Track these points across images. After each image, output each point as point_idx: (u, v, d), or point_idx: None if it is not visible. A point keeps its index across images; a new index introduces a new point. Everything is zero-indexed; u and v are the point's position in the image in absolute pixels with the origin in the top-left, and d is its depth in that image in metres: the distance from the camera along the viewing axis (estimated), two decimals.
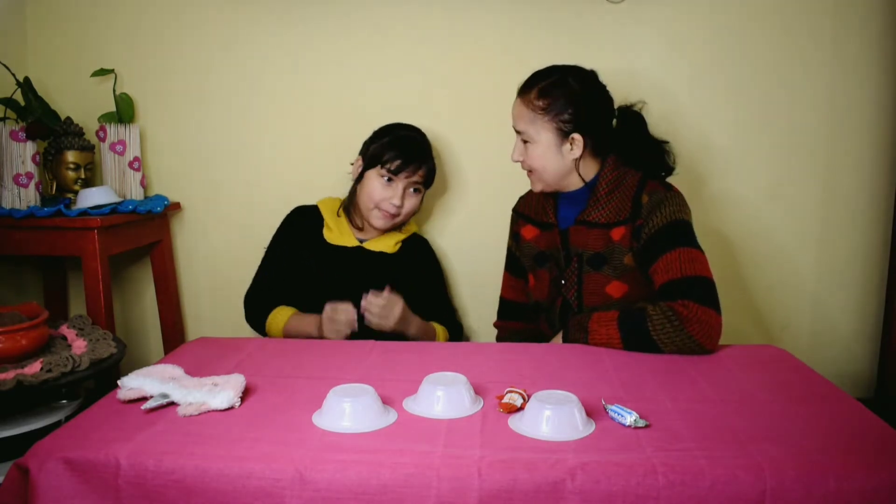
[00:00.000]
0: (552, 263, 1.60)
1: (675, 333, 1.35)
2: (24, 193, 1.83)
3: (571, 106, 1.51)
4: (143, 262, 2.14)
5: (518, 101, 1.55)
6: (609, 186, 1.53)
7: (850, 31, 1.91)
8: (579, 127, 1.51)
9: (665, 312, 1.37)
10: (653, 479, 0.90)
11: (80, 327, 1.67)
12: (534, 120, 1.52)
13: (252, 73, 2.04)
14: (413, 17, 1.98)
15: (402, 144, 1.75)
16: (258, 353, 1.41)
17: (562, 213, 1.61)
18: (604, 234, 1.52)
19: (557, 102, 1.51)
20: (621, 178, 1.54)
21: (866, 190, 1.98)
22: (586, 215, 1.54)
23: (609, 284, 1.51)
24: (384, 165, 1.73)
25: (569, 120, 1.51)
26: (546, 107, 1.51)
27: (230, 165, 2.08)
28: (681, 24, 1.94)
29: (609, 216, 1.52)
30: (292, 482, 0.92)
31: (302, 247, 1.80)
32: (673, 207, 1.48)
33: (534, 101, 1.52)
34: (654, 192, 1.50)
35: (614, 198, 1.53)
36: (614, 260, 1.51)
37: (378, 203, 1.75)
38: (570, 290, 1.56)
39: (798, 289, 2.03)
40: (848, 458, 0.94)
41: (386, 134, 1.79)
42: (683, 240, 1.45)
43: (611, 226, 1.52)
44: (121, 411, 1.11)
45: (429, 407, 1.10)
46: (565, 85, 1.52)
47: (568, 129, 1.51)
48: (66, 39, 2.06)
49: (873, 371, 2.03)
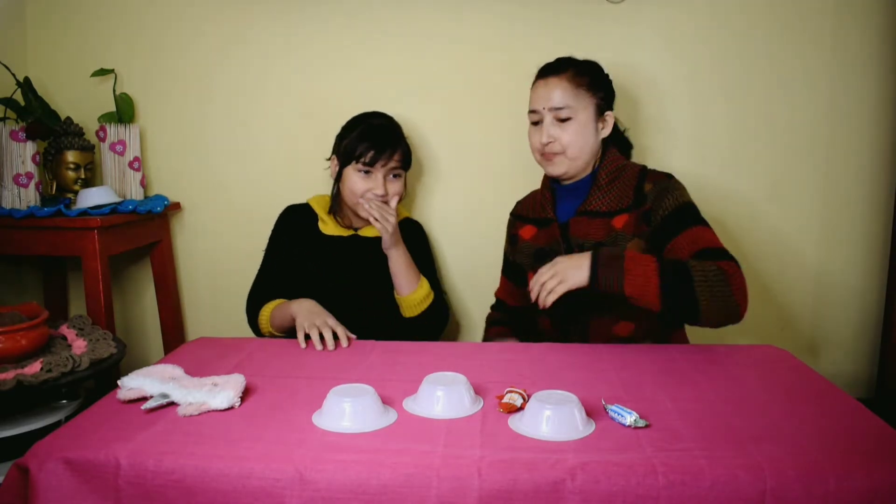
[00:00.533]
0: (553, 258, 1.60)
1: (720, 286, 1.35)
2: (24, 193, 1.83)
3: (603, 86, 1.60)
4: (143, 262, 2.14)
5: (555, 80, 1.56)
6: (610, 176, 1.57)
7: (850, 30, 1.91)
8: (611, 107, 1.61)
9: (708, 267, 1.37)
10: (653, 479, 0.90)
11: (80, 327, 1.67)
12: (577, 95, 1.55)
13: (252, 72, 2.04)
14: (414, 18, 1.98)
15: (372, 135, 1.76)
16: (258, 353, 1.41)
17: (560, 207, 1.63)
18: (605, 223, 1.54)
19: (595, 80, 1.58)
20: (622, 169, 1.58)
21: (866, 190, 1.98)
22: (587, 205, 1.56)
23: None
24: (359, 160, 1.74)
25: (604, 97, 1.59)
26: (587, 83, 1.56)
27: (230, 165, 2.08)
28: (680, 23, 1.94)
29: (611, 204, 1.55)
30: (292, 482, 0.92)
31: (299, 242, 1.81)
32: (679, 191, 1.52)
33: (577, 78, 1.56)
34: (658, 180, 1.54)
35: (615, 187, 1.56)
36: (616, 249, 1.51)
37: (362, 196, 1.76)
38: None
39: (798, 289, 2.03)
40: (848, 458, 0.94)
41: (353, 128, 1.79)
42: (697, 219, 1.49)
43: (612, 214, 1.54)
44: (121, 411, 1.11)
45: (429, 407, 1.10)
46: (596, 68, 1.61)
47: (604, 106, 1.59)
48: (66, 39, 2.06)
49: (873, 371, 2.03)
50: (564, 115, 1.55)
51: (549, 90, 1.56)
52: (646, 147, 1.98)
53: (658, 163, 1.95)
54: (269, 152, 2.06)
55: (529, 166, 1.77)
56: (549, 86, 1.56)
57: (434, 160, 2.05)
